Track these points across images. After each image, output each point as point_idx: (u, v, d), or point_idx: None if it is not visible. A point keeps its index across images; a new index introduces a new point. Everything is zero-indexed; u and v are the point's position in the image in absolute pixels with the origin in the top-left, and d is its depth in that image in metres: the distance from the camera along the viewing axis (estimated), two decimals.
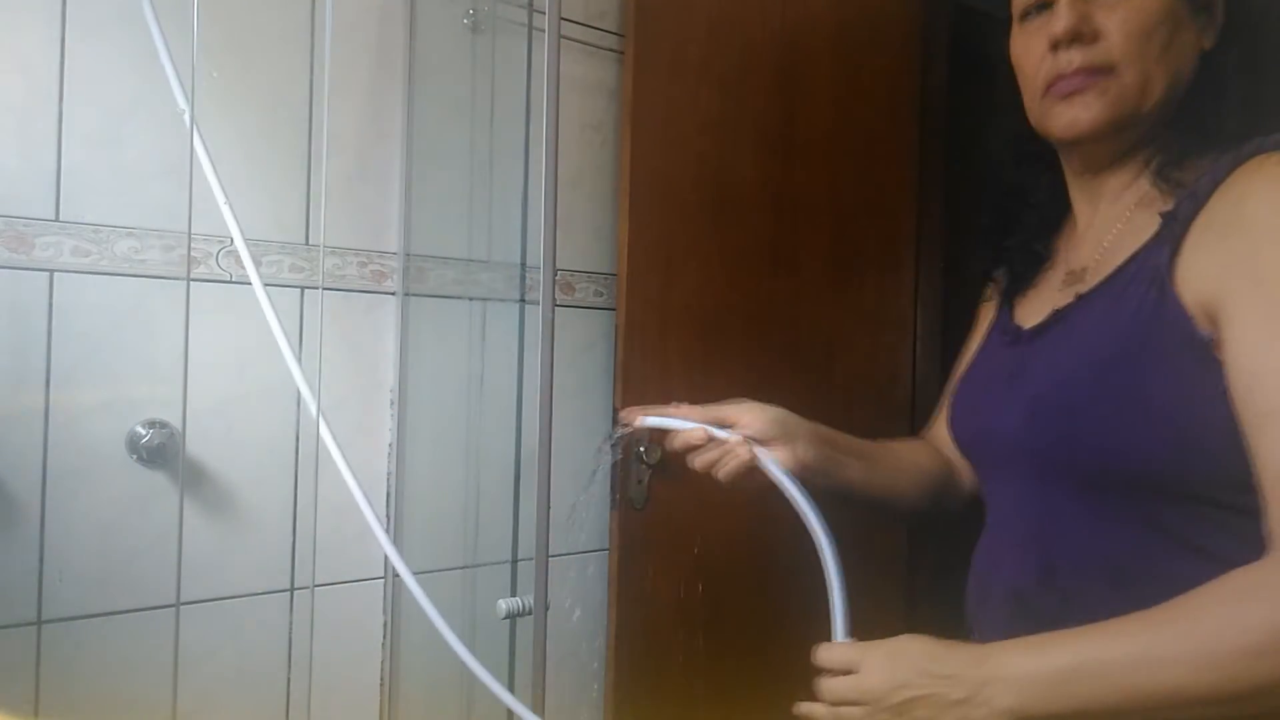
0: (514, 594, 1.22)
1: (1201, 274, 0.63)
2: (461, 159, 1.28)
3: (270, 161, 1.14)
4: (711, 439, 0.82)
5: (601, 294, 1.42)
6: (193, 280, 1.08)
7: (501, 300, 1.29)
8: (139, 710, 1.05)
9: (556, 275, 1.12)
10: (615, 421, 0.82)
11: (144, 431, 1.04)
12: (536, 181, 1.13)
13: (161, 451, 1.04)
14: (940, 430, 0.97)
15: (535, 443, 1.07)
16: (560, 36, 1.09)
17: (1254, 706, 0.56)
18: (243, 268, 1.12)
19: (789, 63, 1.51)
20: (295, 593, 1.17)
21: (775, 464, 0.80)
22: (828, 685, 0.68)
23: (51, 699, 1.01)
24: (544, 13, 1.05)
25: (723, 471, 0.82)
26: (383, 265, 1.22)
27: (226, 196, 1.00)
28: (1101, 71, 0.70)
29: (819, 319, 1.56)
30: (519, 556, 1.23)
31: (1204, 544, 0.64)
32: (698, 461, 0.83)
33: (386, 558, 1.23)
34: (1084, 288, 0.74)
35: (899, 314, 1.70)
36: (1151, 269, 0.66)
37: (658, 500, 1.37)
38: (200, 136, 0.99)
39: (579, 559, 1.39)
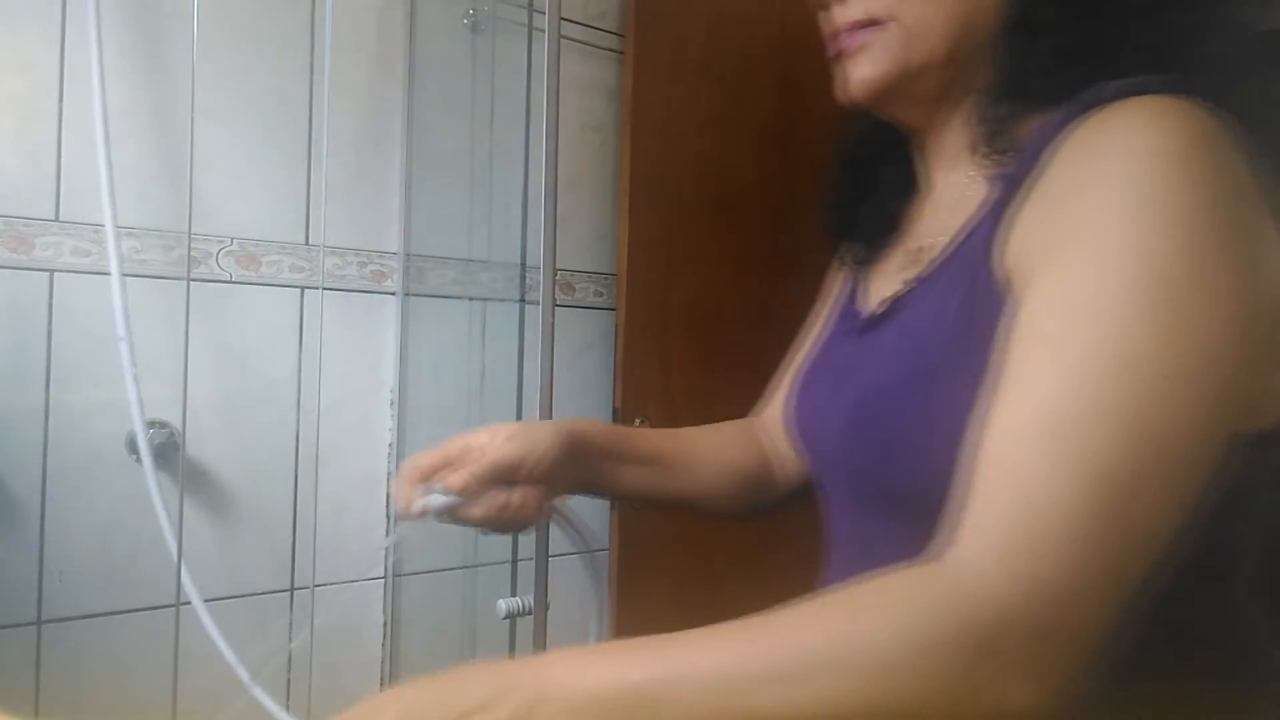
0: (514, 594, 1.22)
1: (1024, 242, 0.52)
2: (461, 159, 1.28)
3: (270, 161, 1.14)
4: (510, 501, 0.71)
5: (601, 294, 1.42)
6: (193, 280, 1.08)
7: (501, 300, 1.29)
8: (139, 710, 1.05)
9: (556, 275, 1.12)
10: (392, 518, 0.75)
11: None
12: (536, 181, 1.13)
13: (161, 451, 1.04)
14: (772, 413, 0.87)
15: None
16: (560, 36, 1.09)
17: None
18: (244, 268, 1.12)
19: (789, 63, 1.51)
20: (295, 593, 1.17)
21: (565, 512, 0.75)
22: None
23: (51, 699, 1.01)
24: (544, 13, 1.05)
25: (518, 530, 0.74)
26: (383, 265, 1.22)
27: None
28: (870, 25, 0.62)
29: None
30: (519, 556, 1.23)
31: None
32: (493, 527, 0.73)
33: (387, 557, 1.23)
34: (919, 271, 0.64)
35: None
36: (977, 244, 0.56)
37: None
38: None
39: (579, 559, 1.39)
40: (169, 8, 1.05)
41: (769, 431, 0.87)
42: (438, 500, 0.68)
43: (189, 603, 1.08)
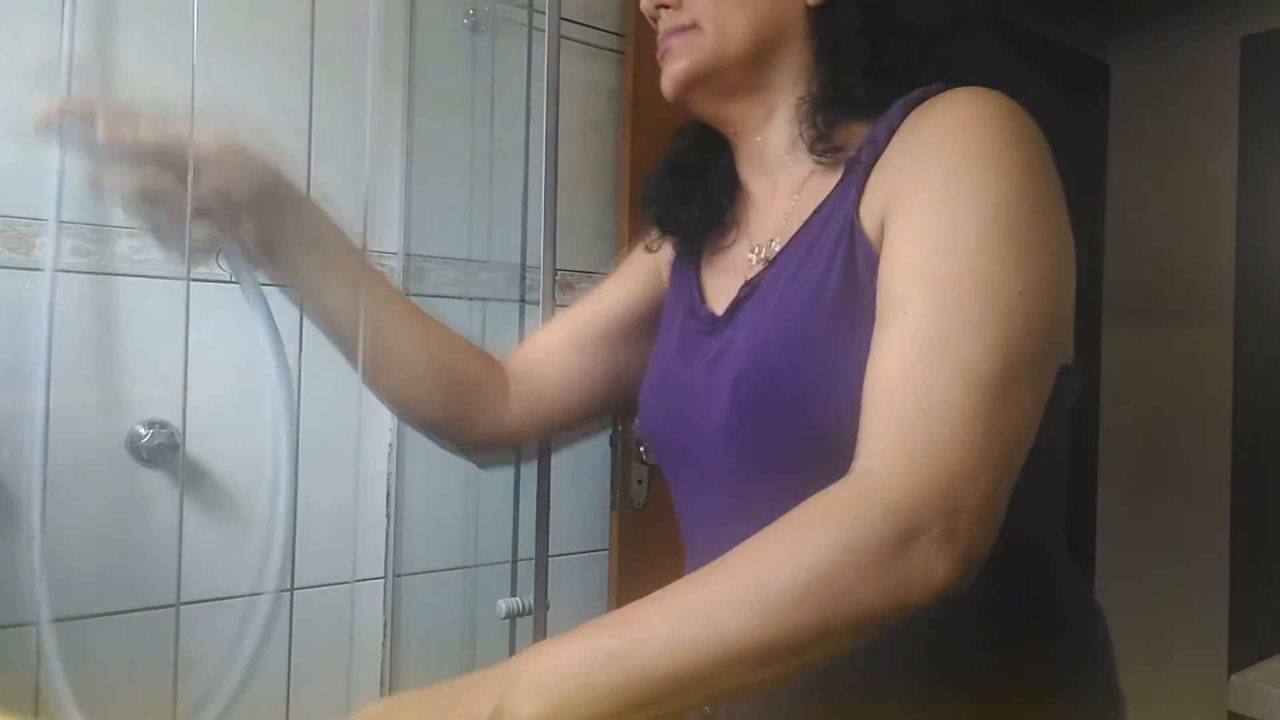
0: (514, 594, 1.22)
1: (878, 200, 0.61)
2: (461, 159, 1.28)
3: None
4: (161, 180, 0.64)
5: None
6: (193, 280, 1.08)
7: (501, 300, 1.29)
8: (139, 710, 1.05)
9: (556, 275, 1.12)
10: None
11: (144, 431, 1.04)
12: (536, 181, 1.14)
13: (161, 451, 1.04)
14: (538, 347, 0.86)
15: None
16: (560, 36, 1.10)
17: (802, 659, 0.49)
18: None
19: None
20: (296, 593, 1.17)
21: (240, 260, 0.63)
22: None
23: (51, 699, 1.01)
24: (544, 13, 1.05)
25: (165, 237, 0.65)
26: (382, 265, 1.22)
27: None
28: (686, 29, 0.71)
29: None
30: (519, 556, 1.23)
31: None
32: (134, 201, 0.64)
33: (387, 557, 1.23)
34: (772, 254, 0.70)
35: None
36: (842, 215, 0.63)
37: (658, 500, 1.37)
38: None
39: (579, 559, 1.39)
40: (169, 6, 1.05)
41: (515, 366, 0.85)
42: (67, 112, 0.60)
43: (189, 603, 1.08)
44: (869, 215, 0.61)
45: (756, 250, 0.73)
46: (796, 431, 0.62)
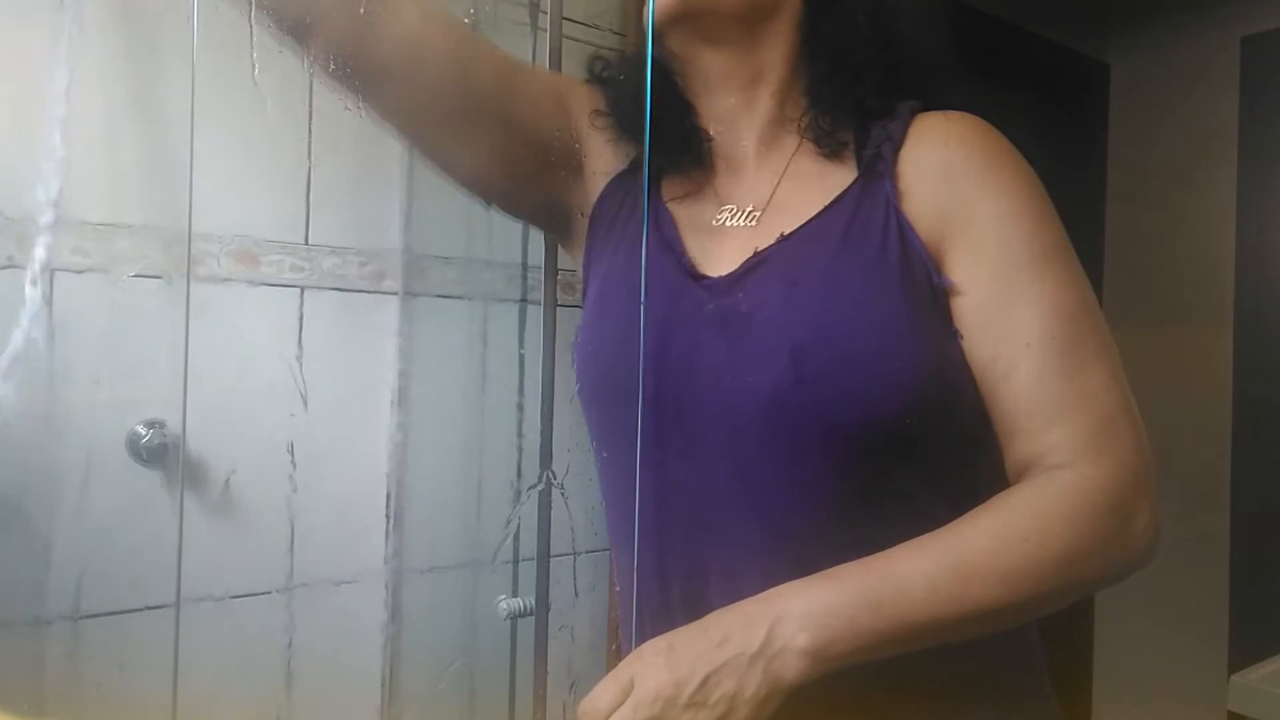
0: (515, 594, 1.22)
1: (926, 215, 0.66)
2: None
3: (270, 161, 1.14)
4: None
5: None
6: (193, 280, 1.08)
7: (502, 300, 1.29)
8: (139, 710, 1.05)
9: (558, 275, 1.12)
10: None
11: (144, 431, 1.04)
12: None
13: (161, 451, 1.04)
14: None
15: (536, 443, 1.07)
16: (562, 36, 1.09)
17: (1034, 614, 0.62)
18: (243, 268, 1.12)
19: None
20: (295, 591, 1.16)
21: None
22: None
23: (51, 699, 1.01)
24: (546, 12, 1.05)
25: None
26: (383, 265, 1.22)
27: None
28: None
29: None
30: (520, 556, 1.23)
31: (950, 493, 0.65)
32: None
33: (388, 557, 1.23)
34: (787, 228, 0.69)
35: None
36: (880, 207, 0.67)
37: None
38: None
39: (580, 559, 1.39)
40: (169, 5, 1.05)
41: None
42: None
43: (189, 602, 1.08)
44: (919, 219, 0.66)
45: (731, 212, 0.75)
46: (862, 410, 0.64)
